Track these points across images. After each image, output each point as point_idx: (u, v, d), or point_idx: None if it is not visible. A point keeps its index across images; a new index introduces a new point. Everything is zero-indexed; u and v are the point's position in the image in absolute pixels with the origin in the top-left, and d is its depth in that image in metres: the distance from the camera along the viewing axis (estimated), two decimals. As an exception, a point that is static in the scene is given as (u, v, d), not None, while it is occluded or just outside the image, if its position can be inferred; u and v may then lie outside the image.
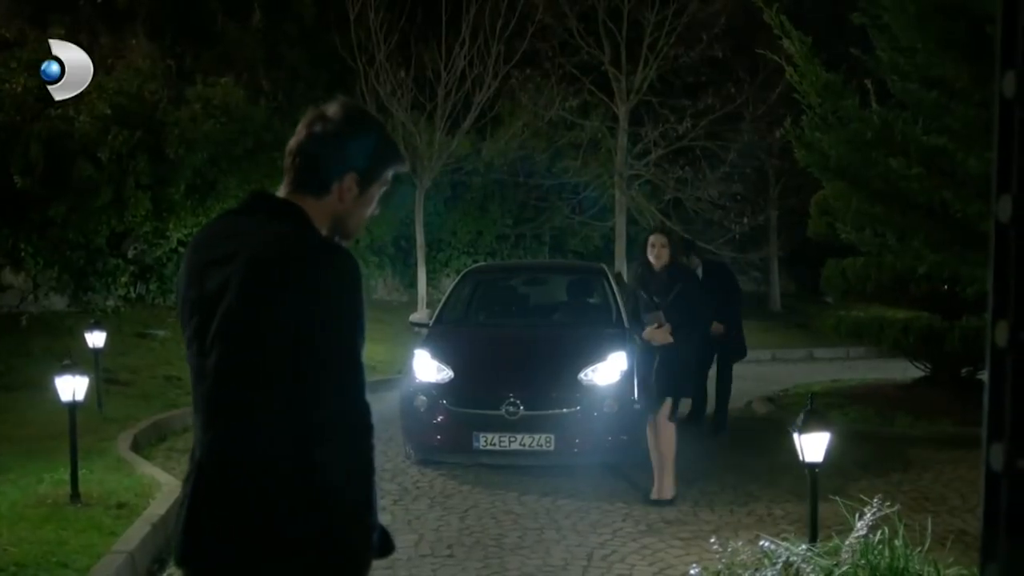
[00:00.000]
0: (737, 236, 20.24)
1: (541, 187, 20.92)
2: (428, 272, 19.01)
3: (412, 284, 19.57)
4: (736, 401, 12.34)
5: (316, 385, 2.23)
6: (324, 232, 2.50)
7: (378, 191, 2.56)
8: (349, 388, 2.26)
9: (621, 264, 20.53)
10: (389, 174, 2.57)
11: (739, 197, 20.43)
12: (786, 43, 8.08)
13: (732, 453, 9.18)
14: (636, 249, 21.96)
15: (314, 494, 2.23)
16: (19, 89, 13.52)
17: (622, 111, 19.82)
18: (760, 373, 15.20)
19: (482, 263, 15.07)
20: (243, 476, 2.29)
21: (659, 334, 7.23)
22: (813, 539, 4.91)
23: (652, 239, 7.42)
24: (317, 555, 2.27)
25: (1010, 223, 1.98)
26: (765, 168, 22.88)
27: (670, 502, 7.24)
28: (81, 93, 13.83)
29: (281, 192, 2.50)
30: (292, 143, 2.53)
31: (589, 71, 19.40)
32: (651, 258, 7.35)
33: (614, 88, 19.72)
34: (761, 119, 19.40)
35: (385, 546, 2.47)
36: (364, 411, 2.28)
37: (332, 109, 2.49)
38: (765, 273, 24.63)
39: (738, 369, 16.71)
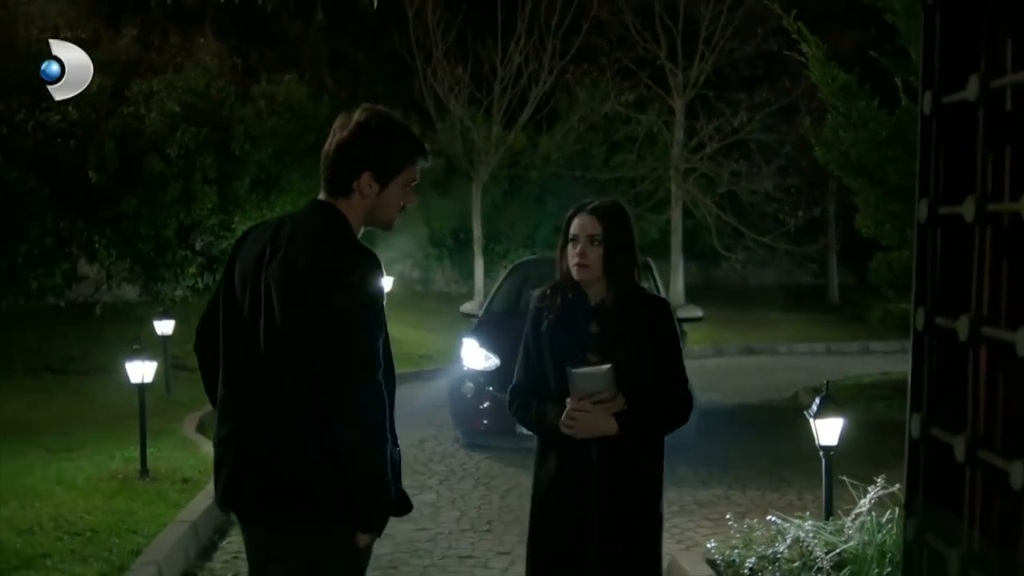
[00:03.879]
0: (792, 229, 20.31)
1: (598, 181, 21.17)
2: (486, 264, 19.39)
3: (470, 275, 19.98)
4: (783, 391, 12.57)
5: (336, 369, 2.61)
6: (361, 227, 2.85)
7: (402, 186, 2.85)
8: (364, 372, 2.63)
9: (677, 258, 20.73)
10: (412, 170, 2.86)
11: (793, 190, 20.47)
12: (804, 47, 8.31)
13: (770, 441, 9.39)
14: (692, 243, 22.14)
15: (333, 463, 2.62)
16: (94, 88, 14.13)
17: (678, 105, 20.01)
18: (813, 365, 15.32)
19: (531, 256, 15.44)
20: (275, 447, 2.71)
21: (594, 413, 3.33)
22: (827, 517, 5.18)
23: (579, 223, 3.44)
24: (337, 514, 2.67)
25: (927, 223, 2.30)
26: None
27: None
28: (151, 91, 14.58)
29: (321, 195, 2.87)
30: (324, 149, 2.89)
31: (645, 66, 19.60)
32: (572, 268, 3.45)
33: (670, 82, 19.91)
34: (816, 112, 19.43)
35: (402, 506, 2.86)
36: (377, 391, 2.65)
37: (356, 115, 2.83)
38: (823, 265, 24.53)
39: (790, 360, 16.86)
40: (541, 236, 21.93)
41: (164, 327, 10.75)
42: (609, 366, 3.32)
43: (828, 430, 5.24)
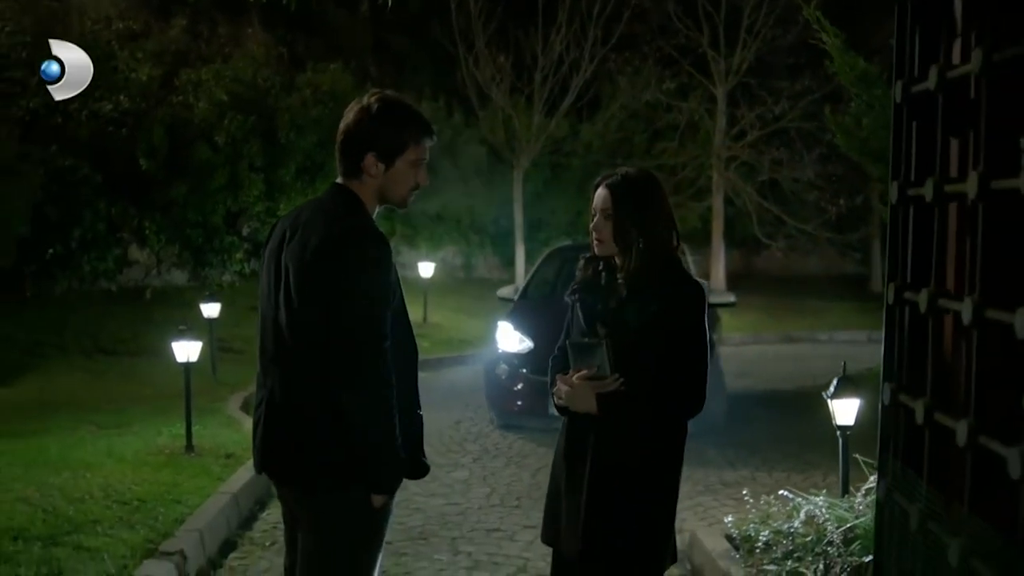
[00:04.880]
0: (833, 217, 20.24)
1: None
2: (527, 251, 19.57)
3: (512, 262, 20.16)
4: (819, 378, 12.59)
5: (344, 341, 2.80)
6: (375, 206, 3.02)
7: (409, 165, 2.97)
8: (370, 344, 2.81)
9: (719, 245, 20.78)
10: (417, 149, 2.98)
11: (835, 178, 20.38)
12: (824, 36, 8.35)
13: (799, 426, 9.47)
14: (733, 230, 22.12)
15: (340, 432, 2.83)
16: (144, 78, 14.55)
17: (720, 93, 20.03)
18: (852, 353, 15.12)
19: (567, 242, 15.57)
20: (292, 415, 2.93)
21: (576, 388, 3.20)
22: (843, 495, 5.32)
23: (596, 196, 3.30)
24: (352, 477, 2.88)
25: (897, 204, 2.46)
26: (866, 148, 22.69)
27: None
28: (200, 81, 14.93)
29: (339, 179, 3.07)
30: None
31: (687, 53, 19.63)
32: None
33: (712, 70, 19.93)
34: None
35: (417, 468, 3.06)
36: (382, 366, 2.83)
37: (363, 100, 3.00)
38: (866, 254, 24.38)
39: (830, 349, 16.84)
40: (583, 223, 21.97)
41: (210, 310, 11.03)
42: (601, 343, 3.16)
43: (845, 410, 5.38)
